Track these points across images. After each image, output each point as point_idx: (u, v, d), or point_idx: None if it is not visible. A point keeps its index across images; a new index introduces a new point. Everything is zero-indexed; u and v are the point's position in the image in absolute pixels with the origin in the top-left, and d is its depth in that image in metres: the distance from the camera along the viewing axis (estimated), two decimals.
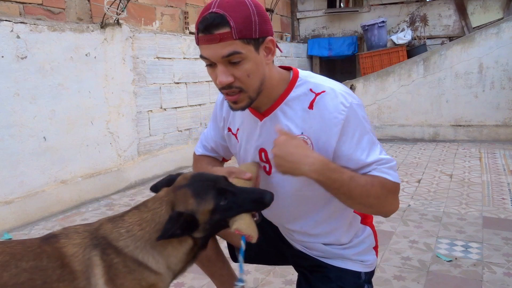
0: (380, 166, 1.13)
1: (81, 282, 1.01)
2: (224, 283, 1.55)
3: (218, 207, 1.06)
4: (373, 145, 1.15)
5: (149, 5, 4.35)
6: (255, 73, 1.10)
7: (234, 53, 1.05)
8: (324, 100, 1.14)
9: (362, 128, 1.14)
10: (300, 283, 1.41)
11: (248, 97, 1.13)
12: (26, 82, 3.00)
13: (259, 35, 1.07)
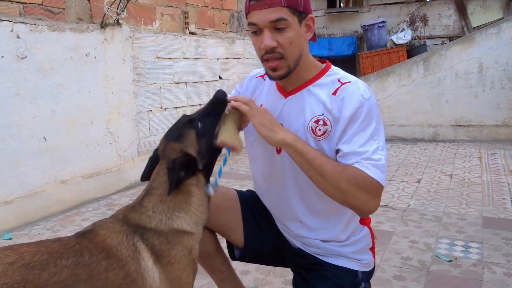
0: (365, 161, 1.15)
1: (131, 266, 1.04)
2: (224, 280, 1.55)
3: (198, 130, 1.16)
4: (371, 139, 1.17)
5: (149, 5, 4.34)
6: (296, 43, 1.20)
7: (281, 19, 1.16)
8: (347, 88, 1.22)
9: (370, 121, 1.18)
10: (297, 282, 1.42)
11: (287, 66, 1.22)
12: (26, 82, 3.00)
13: (303, 9, 1.19)
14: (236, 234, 1.49)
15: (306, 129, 1.25)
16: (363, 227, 1.38)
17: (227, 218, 1.47)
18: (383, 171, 1.16)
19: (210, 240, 1.52)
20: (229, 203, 1.49)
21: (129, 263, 1.05)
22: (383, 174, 1.16)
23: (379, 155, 1.16)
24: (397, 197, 3.35)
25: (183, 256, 1.12)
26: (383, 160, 1.16)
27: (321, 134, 1.23)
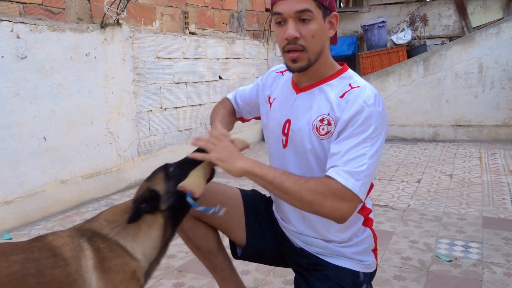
0: (341, 166, 1.14)
1: (73, 267, 1.11)
2: (225, 279, 1.55)
3: (167, 173, 1.27)
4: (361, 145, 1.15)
5: (149, 5, 4.34)
6: (319, 37, 1.22)
7: (307, 10, 1.18)
8: (354, 93, 1.22)
9: (366, 128, 1.17)
10: (298, 282, 1.42)
11: (307, 58, 1.23)
12: (26, 82, 3.00)
13: (328, 5, 1.22)
14: (238, 232, 1.50)
15: (310, 127, 1.26)
16: (365, 228, 1.37)
17: (229, 216, 1.47)
18: (358, 178, 1.13)
19: (212, 238, 1.53)
20: (232, 201, 1.49)
21: (71, 263, 1.11)
22: (357, 181, 1.13)
23: (361, 162, 1.14)
24: (397, 197, 3.35)
25: (123, 271, 1.15)
26: (363, 167, 1.13)
27: (324, 134, 1.24)
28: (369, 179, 1.16)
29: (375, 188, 3.59)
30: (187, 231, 1.50)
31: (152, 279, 2.11)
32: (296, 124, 1.30)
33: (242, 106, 1.61)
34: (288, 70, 1.29)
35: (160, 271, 2.21)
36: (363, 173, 1.14)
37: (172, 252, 2.44)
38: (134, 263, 1.18)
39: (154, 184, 1.25)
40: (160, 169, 1.30)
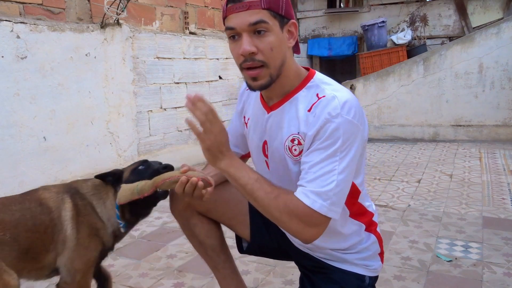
0: (306, 186, 1.09)
1: (55, 214, 1.46)
2: (226, 278, 1.55)
3: (136, 168, 1.52)
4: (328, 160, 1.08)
5: (149, 5, 4.35)
6: (278, 49, 1.11)
7: (261, 21, 1.08)
8: (320, 105, 1.12)
9: (334, 141, 1.08)
10: (303, 282, 1.41)
11: (269, 74, 1.13)
12: (26, 82, 3.00)
13: (285, 13, 1.11)
14: (242, 228, 1.49)
15: (284, 148, 1.20)
16: (369, 234, 1.32)
17: (234, 212, 1.46)
18: (326, 198, 1.07)
19: (216, 235, 1.53)
20: (237, 197, 1.47)
21: (54, 212, 1.46)
22: (325, 202, 1.06)
23: (329, 180, 1.07)
24: (397, 197, 3.35)
25: (91, 227, 1.48)
26: (332, 185, 1.07)
27: (297, 154, 1.17)
28: (340, 195, 1.10)
29: (375, 188, 3.59)
30: (193, 226, 1.50)
31: (152, 279, 2.11)
32: (272, 146, 1.24)
33: (236, 139, 1.48)
34: (249, 89, 1.18)
35: (160, 271, 2.21)
36: (332, 191, 1.07)
37: (172, 252, 2.44)
38: (100, 223, 1.51)
39: (126, 169, 1.55)
40: (137, 162, 1.55)
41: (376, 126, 5.98)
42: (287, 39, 1.14)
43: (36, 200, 1.47)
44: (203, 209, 1.45)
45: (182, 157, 4.43)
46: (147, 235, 2.72)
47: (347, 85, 6.13)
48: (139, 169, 1.51)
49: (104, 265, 1.80)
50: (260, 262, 2.23)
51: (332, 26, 7.46)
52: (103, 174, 1.52)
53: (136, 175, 1.49)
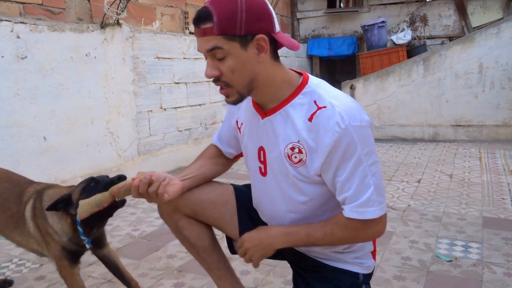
0: (351, 206, 1.14)
1: (22, 209, 1.67)
2: (221, 278, 1.54)
3: (86, 187, 1.55)
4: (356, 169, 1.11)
5: (149, 5, 4.35)
6: (240, 70, 1.10)
7: (215, 48, 1.08)
8: (322, 116, 1.12)
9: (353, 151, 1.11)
10: (297, 282, 1.41)
11: (237, 92, 1.14)
12: (26, 82, 3.00)
13: (245, 32, 1.06)
14: (231, 228, 1.48)
15: (283, 156, 1.20)
16: None
17: (221, 213, 1.45)
18: (372, 204, 1.12)
19: (207, 236, 1.51)
20: (223, 198, 1.46)
21: (22, 206, 1.68)
22: (372, 207, 1.13)
23: (367, 188, 1.12)
24: (397, 197, 3.35)
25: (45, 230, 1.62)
26: (370, 190, 1.12)
27: (297, 162, 1.18)
28: (381, 192, 1.15)
29: None
30: (182, 229, 1.48)
31: (152, 279, 2.11)
32: (270, 152, 1.24)
33: (230, 139, 1.49)
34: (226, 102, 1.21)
35: (160, 271, 2.21)
36: (373, 195, 1.12)
37: (172, 252, 2.44)
38: (51, 229, 1.61)
39: (74, 191, 1.58)
40: (84, 181, 1.58)
41: (376, 126, 5.98)
42: (255, 55, 1.10)
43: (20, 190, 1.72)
44: (190, 212, 1.44)
45: (182, 157, 4.44)
46: (147, 235, 2.72)
47: (347, 85, 6.13)
48: (90, 186, 1.54)
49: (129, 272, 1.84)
50: (260, 262, 2.23)
51: (332, 26, 7.46)
52: (53, 203, 1.56)
53: (88, 193, 1.50)
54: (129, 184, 1.30)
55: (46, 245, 1.64)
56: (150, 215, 3.06)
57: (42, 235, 1.64)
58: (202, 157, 1.51)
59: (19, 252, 2.49)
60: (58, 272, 1.68)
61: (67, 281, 1.67)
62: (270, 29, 1.10)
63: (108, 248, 1.80)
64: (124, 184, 1.35)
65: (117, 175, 1.49)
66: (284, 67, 1.20)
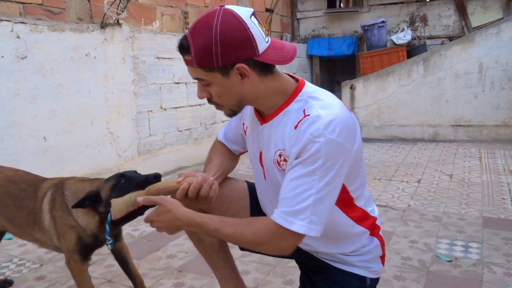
0: (281, 210, 1.10)
1: (38, 204, 1.68)
2: (226, 277, 1.54)
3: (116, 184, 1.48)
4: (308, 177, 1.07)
5: (149, 5, 4.35)
6: (227, 94, 1.15)
7: (198, 78, 1.14)
8: (305, 124, 1.11)
9: (313, 162, 1.07)
10: (304, 282, 1.41)
11: (228, 109, 1.20)
12: (26, 82, 3.00)
13: (222, 64, 1.08)
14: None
15: (273, 162, 1.22)
16: (372, 238, 1.32)
17: (236, 209, 1.46)
18: (303, 218, 1.07)
19: None
20: (238, 194, 1.48)
21: (38, 201, 1.68)
22: (303, 221, 1.07)
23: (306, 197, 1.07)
24: (397, 197, 3.35)
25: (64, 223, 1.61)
26: (308, 201, 1.06)
27: (284, 169, 1.18)
28: (320, 214, 1.08)
29: (375, 188, 3.59)
30: None
31: (152, 279, 2.11)
32: (265, 157, 1.26)
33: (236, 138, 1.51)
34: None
35: (160, 271, 2.21)
36: (308, 209, 1.07)
37: (172, 252, 2.44)
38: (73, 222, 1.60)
39: (103, 188, 1.52)
40: (114, 178, 1.52)
41: (376, 126, 5.98)
42: (239, 80, 1.11)
43: (35, 187, 1.72)
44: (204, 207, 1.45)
45: (182, 157, 4.44)
46: (147, 235, 2.72)
47: (347, 85, 6.13)
48: (121, 184, 1.47)
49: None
50: (260, 262, 2.23)
51: (332, 26, 7.46)
52: (80, 201, 1.53)
53: (119, 190, 1.45)
54: (175, 187, 1.26)
55: (59, 237, 1.63)
56: None
57: (58, 227, 1.63)
58: (218, 154, 1.52)
59: (19, 252, 2.49)
60: (67, 264, 1.66)
61: (75, 275, 1.66)
62: (251, 54, 1.09)
63: (122, 242, 1.81)
64: (166, 185, 1.29)
65: (152, 174, 1.41)
66: (278, 77, 1.18)
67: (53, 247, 1.72)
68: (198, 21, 1.10)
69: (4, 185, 1.75)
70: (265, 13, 6.38)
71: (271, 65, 1.15)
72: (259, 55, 1.10)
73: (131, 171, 1.55)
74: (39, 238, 1.71)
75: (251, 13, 1.12)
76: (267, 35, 1.13)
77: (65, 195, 1.63)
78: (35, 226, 1.69)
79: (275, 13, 6.71)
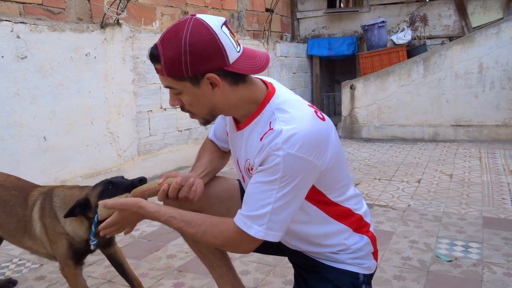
0: (242, 212, 1.14)
1: (28, 212, 1.69)
2: (223, 276, 1.54)
3: (104, 189, 1.51)
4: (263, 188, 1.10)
5: (149, 5, 4.35)
6: (197, 103, 1.15)
7: (169, 87, 1.14)
8: (268, 138, 1.12)
9: (273, 173, 1.09)
10: (298, 280, 1.41)
11: (201, 118, 1.21)
12: (26, 82, 3.00)
13: (192, 74, 1.08)
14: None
15: (244, 169, 1.25)
16: (362, 236, 1.32)
17: (227, 208, 1.45)
18: (261, 223, 1.11)
19: None
20: (229, 193, 1.48)
21: (28, 209, 1.69)
22: (261, 226, 1.11)
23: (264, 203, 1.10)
24: (397, 197, 3.35)
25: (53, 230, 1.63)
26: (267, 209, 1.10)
27: None
28: (278, 221, 1.12)
29: (375, 188, 3.59)
30: None
31: (152, 279, 2.11)
32: (240, 163, 1.29)
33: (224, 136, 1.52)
34: None
35: (160, 271, 2.21)
36: (266, 217, 1.10)
37: (172, 252, 2.44)
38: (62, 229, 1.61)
39: (91, 195, 1.55)
40: (101, 184, 1.55)
41: (376, 126, 5.98)
42: (210, 90, 1.12)
43: (25, 194, 1.74)
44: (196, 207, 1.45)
45: (182, 157, 4.44)
46: (147, 235, 2.72)
47: (347, 85, 6.13)
48: (109, 190, 1.50)
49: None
50: (260, 262, 2.24)
51: (332, 26, 7.46)
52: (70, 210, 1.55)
53: (108, 196, 1.47)
54: (156, 188, 1.28)
55: (51, 244, 1.65)
56: None
57: (49, 235, 1.64)
58: (207, 152, 1.53)
59: (19, 252, 2.49)
60: (61, 271, 1.69)
61: (70, 280, 1.68)
62: (222, 64, 1.09)
63: (115, 247, 1.83)
64: (148, 187, 1.32)
65: (138, 178, 1.46)
66: (250, 86, 1.18)
67: (45, 254, 1.72)
68: (168, 31, 1.09)
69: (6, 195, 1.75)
70: (265, 13, 6.37)
71: (243, 75, 1.15)
72: (229, 65, 1.10)
73: (118, 177, 1.59)
74: (29, 246, 1.73)
75: (223, 22, 1.11)
76: (238, 44, 1.13)
77: (54, 202, 1.65)
78: (25, 234, 1.70)
79: (275, 13, 6.71)
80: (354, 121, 6.10)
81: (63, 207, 1.62)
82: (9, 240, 1.82)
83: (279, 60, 6.47)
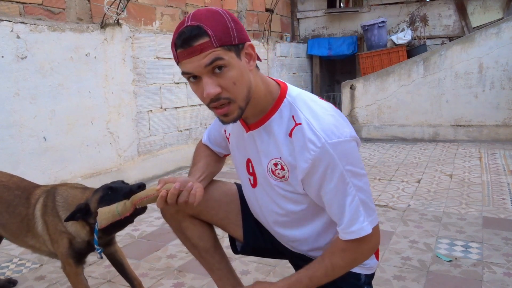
0: (342, 227, 1.13)
1: (31, 210, 1.69)
2: (222, 278, 1.54)
3: (105, 195, 1.52)
4: (341, 188, 1.10)
5: (149, 5, 4.35)
6: (241, 80, 1.07)
7: (217, 59, 1.03)
8: (299, 133, 1.11)
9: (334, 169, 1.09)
10: None
11: (238, 107, 1.10)
12: (26, 82, 3.00)
13: (238, 41, 1.06)
14: (235, 228, 1.48)
15: (266, 171, 1.22)
16: None
17: (226, 212, 1.46)
18: (361, 221, 1.12)
19: (209, 237, 1.51)
20: (228, 197, 1.47)
21: (31, 207, 1.70)
22: (363, 223, 1.12)
23: (352, 207, 1.11)
24: (397, 197, 3.35)
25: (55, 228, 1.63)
26: (355, 204, 1.11)
27: (280, 177, 1.19)
28: (367, 205, 1.14)
29: (375, 188, 3.59)
30: (185, 229, 1.48)
31: (152, 279, 2.11)
32: (257, 165, 1.25)
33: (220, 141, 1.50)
34: (222, 123, 1.18)
35: (160, 271, 2.21)
36: (361, 212, 1.12)
37: (172, 252, 2.44)
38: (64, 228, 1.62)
39: (92, 200, 1.56)
40: (101, 190, 1.56)
41: (376, 126, 5.98)
42: (247, 64, 1.09)
43: (28, 193, 1.75)
44: (195, 211, 1.45)
45: (182, 157, 4.44)
46: (147, 235, 2.72)
47: (347, 85, 6.13)
48: (108, 195, 1.51)
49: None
50: (260, 262, 2.23)
51: (332, 26, 7.46)
52: (71, 214, 1.55)
53: (106, 202, 1.47)
54: (154, 195, 1.27)
55: (53, 242, 1.66)
56: (150, 215, 3.06)
57: (50, 233, 1.65)
58: (203, 156, 1.51)
59: (19, 252, 2.49)
60: (62, 269, 1.69)
61: (71, 279, 1.68)
62: (248, 38, 1.11)
63: (115, 246, 1.83)
64: (147, 194, 1.31)
65: (136, 184, 1.47)
66: (264, 77, 1.18)
67: (47, 252, 1.73)
68: (198, 12, 1.06)
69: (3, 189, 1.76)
70: (265, 13, 6.37)
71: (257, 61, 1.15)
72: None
73: (118, 181, 1.61)
74: (32, 244, 1.73)
75: None
76: None
77: (56, 201, 1.65)
78: (28, 232, 1.70)
79: (275, 13, 6.71)
80: (354, 121, 6.09)
81: (66, 207, 1.63)
82: (12, 240, 1.82)
83: (279, 60, 6.47)
